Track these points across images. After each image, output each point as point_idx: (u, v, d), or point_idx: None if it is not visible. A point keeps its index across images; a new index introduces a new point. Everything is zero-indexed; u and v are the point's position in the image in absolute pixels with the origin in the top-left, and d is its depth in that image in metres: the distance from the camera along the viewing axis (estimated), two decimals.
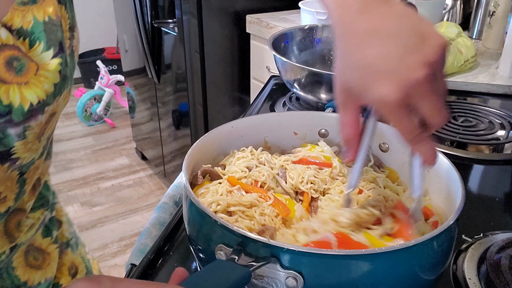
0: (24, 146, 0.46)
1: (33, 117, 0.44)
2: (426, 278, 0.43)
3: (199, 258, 0.49)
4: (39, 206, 0.60)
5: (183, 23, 1.83)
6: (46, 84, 0.44)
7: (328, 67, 1.02)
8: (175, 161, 2.33)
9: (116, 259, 2.06)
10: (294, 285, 0.39)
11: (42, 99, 0.44)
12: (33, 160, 0.50)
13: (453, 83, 1.13)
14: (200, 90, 1.94)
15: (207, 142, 0.58)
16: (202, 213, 0.44)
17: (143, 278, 0.54)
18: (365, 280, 0.39)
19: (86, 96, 3.15)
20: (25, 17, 0.43)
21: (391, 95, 0.38)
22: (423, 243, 0.40)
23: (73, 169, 2.74)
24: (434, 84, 0.39)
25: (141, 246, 0.59)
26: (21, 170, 0.49)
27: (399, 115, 0.39)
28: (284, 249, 0.39)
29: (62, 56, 0.46)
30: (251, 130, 0.63)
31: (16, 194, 0.50)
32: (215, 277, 0.37)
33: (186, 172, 0.50)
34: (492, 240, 0.57)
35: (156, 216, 0.64)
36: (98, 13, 3.63)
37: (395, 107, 0.39)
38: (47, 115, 0.46)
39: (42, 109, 0.45)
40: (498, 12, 1.37)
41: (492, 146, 0.85)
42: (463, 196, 0.46)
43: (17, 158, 0.46)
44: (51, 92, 0.45)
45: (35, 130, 0.46)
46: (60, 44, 0.46)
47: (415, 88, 0.38)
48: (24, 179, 0.50)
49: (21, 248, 0.58)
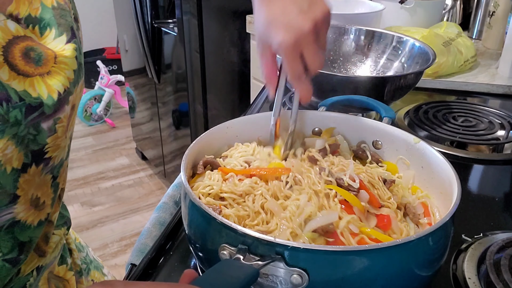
0: (54, 142, 0.45)
1: (61, 107, 0.43)
2: (422, 274, 0.44)
3: (200, 258, 0.49)
4: (62, 223, 0.59)
5: (183, 23, 1.83)
6: (67, 71, 0.43)
7: (328, 67, 1.02)
8: (175, 161, 2.33)
9: (116, 259, 2.06)
10: (299, 282, 0.39)
11: (67, 87, 0.43)
12: (62, 160, 0.49)
13: (453, 83, 1.13)
14: (200, 90, 1.94)
15: (204, 142, 0.59)
16: (203, 213, 0.44)
17: (144, 278, 0.54)
18: (364, 275, 0.40)
19: (86, 96, 3.15)
20: (32, 3, 0.42)
21: (286, 40, 0.50)
22: (420, 239, 0.41)
23: (74, 169, 2.74)
24: (317, 38, 0.51)
25: (141, 246, 0.59)
26: (53, 173, 0.48)
27: (291, 57, 0.51)
28: (289, 247, 0.39)
29: (75, 41, 0.45)
30: (245, 130, 0.64)
31: (52, 199, 0.49)
32: (224, 276, 0.37)
33: (184, 172, 0.50)
34: (492, 240, 0.57)
35: (156, 216, 0.64)
36: (98, 13, 3.63)
37: (289, 50, 0.50)
38: (70, 106, 0.45)
39: (67, 99, 0.44)
40: (498, 12, 1.37)
41: (492, 146, 0.85)
42: (459, 193, 0.47)
43: (49, 158, 0.45)
44: (73, 79, 0.44)
45: (64, 123, 0.45)
46: (71, 29, 0.45)
47: (303, 37, 0.50)
48: (57, 184, 0.50)
49: (44, 276, 0.57)
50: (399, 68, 0.96)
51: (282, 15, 0.51)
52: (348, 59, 1.02)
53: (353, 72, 1.02)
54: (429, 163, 0.56)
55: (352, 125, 0.64)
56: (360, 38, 1.02)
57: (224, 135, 0.62)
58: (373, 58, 1.01)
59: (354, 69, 1.02)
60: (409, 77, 0.83)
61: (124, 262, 2.02)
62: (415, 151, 0.59)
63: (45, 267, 0.56)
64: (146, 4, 2.02)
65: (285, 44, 0.50)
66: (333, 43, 1.03)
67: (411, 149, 0.59)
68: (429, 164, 0.56)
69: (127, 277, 0.55)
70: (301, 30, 0.50)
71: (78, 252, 0.69)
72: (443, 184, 0.53)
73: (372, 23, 1.23)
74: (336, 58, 1.03)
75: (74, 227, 1.99)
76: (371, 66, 1.01)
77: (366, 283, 0.41)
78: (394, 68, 0.97)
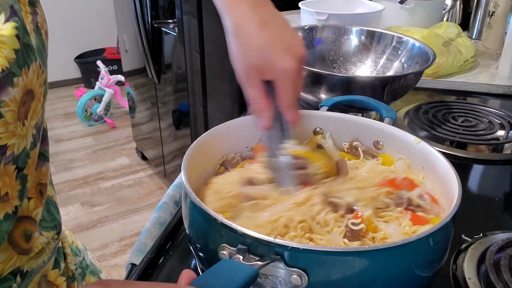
0: (5, 128, 0.42)
1: (2, 89, 0.41)
2: (422, 275, 0.44)
3: (200, 258, 0.49)
4: (52, 227, 0.57)
5: (183, 23, 1.83)
6: (5, 50, 0.41)
7: (328, 67, 1.02)
8: (175, 161, 2.33)
9: (116, 259, 2.06)
10: (298, 283, 0.40)
11: (5, 66, 0.41)
12: (26, 151, 0.46)
13: (453, 83, 1.13)
14: (200, 90, 1.94)
15: (205, 143, 0.59)
16: (204, 213, 0.44)
17: (143, 277, 0.54)
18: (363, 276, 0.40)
19: (87, 96, 3.15)
20: None
21: (293, 65, 0.49)
22: (419, 240, 0.41)
23: (74, 169, 2.74)
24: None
25: (141, 246, 0.60)
26: (17, 163, 0.46)
27: (296, 84, 0.51)
28: (288, 248, 0.39)
29: (15, 20, 0.43)
30: (246, 130, 0.63)
31: (19, 191, 0.47)
32: (224, 277, 0.37)
33: (185, 172, 0.50)
34: (492, 240, 0.57)
35: (156, 216, 0.64)
36: (98, 13, 3.63)
37: (296, 75, 0.50)
38: (20, 91, 0.43)
39: (10, 80, 0.42)
40: (498, 12, 1.37)
41: (491, 146, 0.85)
42: (459, 194, 0.47)
43: (4, 146, 0.43)
44: (13, 59, 0.42)
45: (12, 108, 0.43)
46: (11, 8, 0.43)
47: (303, 62, 0.51)
48: (24, 175, 0.48)
49: (35, 280, 0.55)
50: (399, 68, 0.96)
51: (280, 40, 0.50)
52: (348, 59, 1.02)
53: (353, 72, 1.02)
54: (430, 163, 0.56)
55: (352, 126, 0.64)
56: (360, 38, 1.02)
57: (225, 135, 0.62)
58: (373, 58, 1.01)
59: (354, 69, 1.02)
60: (409, 77, 0.83)
61: (124, 262, 2.01)
62: (416, 151, 0.59)
63: (32, 272, 0.53)
64: (146, 4, 2.02)
65: (294, 69, 0.50)
66: (333, 43, 1.03)
67: (412, 149, 0.59)
68: (430, 164, 0.56)
69: (127, 277, 0.55)
70: (302, 53, 0.51)
71: (74, 256, 0.67)
72: (444, 185, 0.53)
73: (372, 23, 1.23)
74: (336, 58, 1.03)
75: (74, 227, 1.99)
76: (371, 66, 1.01)
77: (365, 284, 0.41)
78: (394, 68, 0.97)
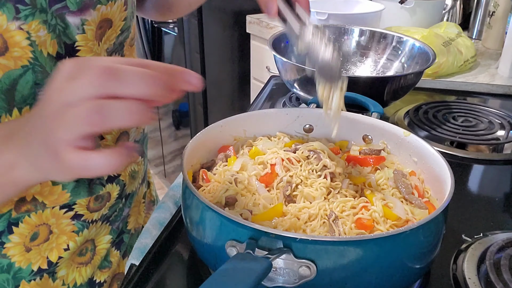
0: (85, 43, 0.49)
1: (85, 9, 0.47)
2: (414, 267, 0.44)
3: (204, 257, 0.49)
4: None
5: (183, 23, 1.83)
6: None
7: None
8: (175, 161, 2.33)
9: None
10: (307, 274, 0.40)
11: None
12: None
13: (453, 83, 1.13)
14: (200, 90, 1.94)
15: (201, 141, 0.59)
16: (208, 209, 0.44)
17: (144, 277, 0.54)
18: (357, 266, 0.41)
19: None
20: None
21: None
22: (411, 230, 0.41)
23: None
24: None
25: (141, 246, 0.59)
26: None
27: None
28: (297, 239, 0.40)
29: None
30: (240, 128, 0.64)
31: None
32: (241, 269, 0.37)
33: (185, 170, 0.50)
34: (492, 240, 0.57)
35: (156, 216, 0.64)
36: None
37: None
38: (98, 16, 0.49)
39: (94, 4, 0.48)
40: (498, 12, 1.37)
41: (491, 146, 0.85)
42: (452, 185, 0.47)
43: None
44: None
45: (92, 27, 0.49)
46: None
47: None
48: None
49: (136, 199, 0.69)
50: (399, 68, 0.96)
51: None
52: (348, 59, 1.02)
53: (353, 72, 1.02)
54: (422, 156, 0.57)
55: (341, 120, 0.64)
56: (360, 38, 1.02)
57: (218, 134, 0.62)
58: (373, 58, 1.01)
59: (354, 69, 1.02)
60: (409, 77, 0.83)
61: None
62: (406, 144, 0.60)
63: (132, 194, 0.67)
64: None
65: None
66: (333, 43, 1.03)
67: (402, 142, 0.60)
68: (421, 157, 0.57)
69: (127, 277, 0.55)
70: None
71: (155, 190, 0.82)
72: (436, 177, 0.54)
73: (372, 23, 1.23)
74: None
75: None
76: (371, 66, 1.01)
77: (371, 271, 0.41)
78: (394, 68, 0.97)
